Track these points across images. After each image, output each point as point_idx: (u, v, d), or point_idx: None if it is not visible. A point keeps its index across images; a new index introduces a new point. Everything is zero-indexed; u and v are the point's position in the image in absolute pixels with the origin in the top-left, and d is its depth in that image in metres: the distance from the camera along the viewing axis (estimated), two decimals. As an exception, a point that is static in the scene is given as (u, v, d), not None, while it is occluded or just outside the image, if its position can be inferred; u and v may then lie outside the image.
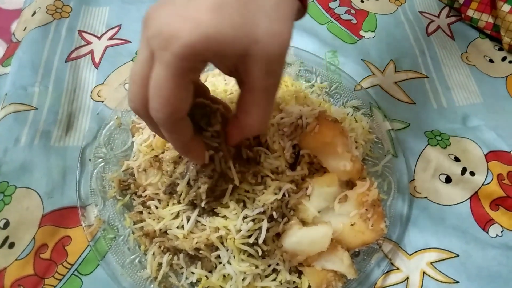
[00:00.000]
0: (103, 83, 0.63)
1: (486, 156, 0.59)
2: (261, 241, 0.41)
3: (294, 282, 0.45)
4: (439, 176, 0.57)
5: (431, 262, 0.50)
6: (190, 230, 0.43)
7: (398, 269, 0.50)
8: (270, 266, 0.44)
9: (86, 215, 0.48)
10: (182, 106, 0.29)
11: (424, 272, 0.50)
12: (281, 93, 0.51)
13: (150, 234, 0.46)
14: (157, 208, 0.46)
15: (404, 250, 0.51)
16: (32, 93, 0.58)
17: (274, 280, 0.44)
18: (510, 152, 0.59)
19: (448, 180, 0.57)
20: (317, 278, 0.44)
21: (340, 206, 0.44)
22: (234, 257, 0.42)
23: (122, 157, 0.53)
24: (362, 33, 0.73)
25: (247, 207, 0.42)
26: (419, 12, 0.77)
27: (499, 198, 0.55)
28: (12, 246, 0.48)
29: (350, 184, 0.47)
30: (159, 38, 0.26)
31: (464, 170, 0.57)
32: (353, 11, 0.76)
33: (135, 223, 0.48)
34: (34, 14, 0.67)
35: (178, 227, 0.43)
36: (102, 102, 0.59)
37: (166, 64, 0.26)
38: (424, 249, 0.51)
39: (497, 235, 0.52)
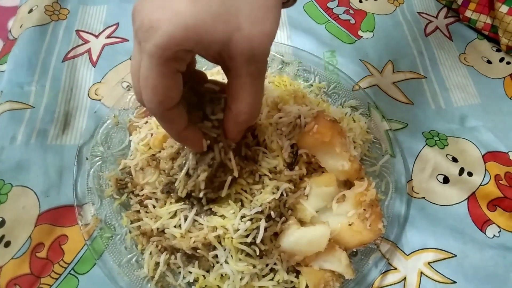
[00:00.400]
0: (101, 82, 0.63)
1: (483, 156, 0.59)
2: (258, 240, 0.41)
3: (292, 282, 0.45)
4: (437, 176, 0.57)
5: (429, 262, 0.50)
6: (188, 229, 0.43)
7: (395, 269, 0.50)
8: (267, 265, 0.44)
9: (83, 214, 0.48)
10: (170, 95, 0.29)
11: (421, 272, 0.50)
12: (279, 92, 0.51)
13: (147, 233, 0.46)
14: (154, 207, 0.46)
15: (401, 250, 0.51)
16: (28, 91, 0.58)
17: (272, 279, 0.44)
18: (508, 153, 0.59)
19: (445, 180, 0.57)
20: (314, 278, 0.44)
21: (338, 206, 0.44)
22: (232, 256, 0.42)
23: (119, 155, 0.53)
24: (360, 33, 0.73)
25: (245, 207, 0.42)
26: (417, 12, 0.77)
27: (497, 198, 0.55)
28: (8, 245, 0.48)
29: (348, 184, 0.48)
30: (142, 29, 0.27)
31: (461, 171, 0.57)
32: (351, 11, 0.76)
33: (132, 222, 0.47)
34: (31, 11, 0.67)
35: (175, 226, 0.43)
36: (100, 100, 0.59)
37: (149, 54, 0.27)
38: (421, 249, 0.51)
39: (494, 236, 0.53)
